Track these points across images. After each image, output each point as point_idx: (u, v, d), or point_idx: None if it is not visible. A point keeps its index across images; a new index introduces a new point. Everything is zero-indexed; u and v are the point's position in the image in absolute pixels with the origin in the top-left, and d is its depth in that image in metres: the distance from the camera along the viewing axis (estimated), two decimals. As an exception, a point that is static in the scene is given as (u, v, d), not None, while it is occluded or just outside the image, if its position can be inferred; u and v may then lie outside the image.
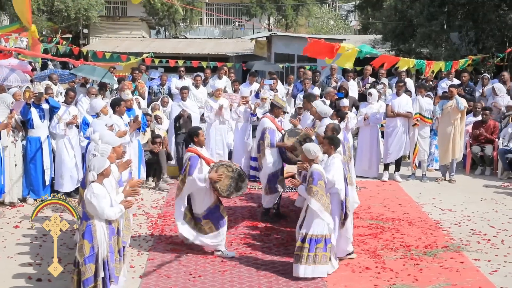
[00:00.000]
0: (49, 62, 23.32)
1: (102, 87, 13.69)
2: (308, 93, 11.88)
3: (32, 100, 10.50)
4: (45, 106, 10.68)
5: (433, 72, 13.92)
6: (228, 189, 7.89)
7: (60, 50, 19.50)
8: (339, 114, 9.90)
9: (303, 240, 7.21)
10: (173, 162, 12.66)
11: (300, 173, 8.43)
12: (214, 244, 8.03)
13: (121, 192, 6.59)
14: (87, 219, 6.07)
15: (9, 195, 10.40)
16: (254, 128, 12.66)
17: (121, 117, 10.52)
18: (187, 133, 8.37)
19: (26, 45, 13.18)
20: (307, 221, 7.27)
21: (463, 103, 12.17)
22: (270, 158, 9.56)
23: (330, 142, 7.65)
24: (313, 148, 7.41)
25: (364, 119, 12.71)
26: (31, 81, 15.79)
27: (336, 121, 9.29)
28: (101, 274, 6.06)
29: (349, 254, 7.93)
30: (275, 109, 9.99)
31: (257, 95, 13.28)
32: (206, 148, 12.70)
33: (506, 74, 15.14)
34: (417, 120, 12.53)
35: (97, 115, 10.40)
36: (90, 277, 6.05)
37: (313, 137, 9.25)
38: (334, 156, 7.60)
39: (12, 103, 10.65)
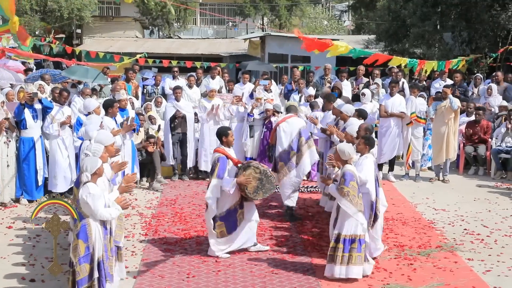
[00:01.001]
0: (30, 63, 23.16)
1: (94, 89, 13.66)
2: (328, 94, 11.83)
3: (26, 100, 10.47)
4: (38, 106, 10.64)
5: (425, 72, 13.94)
6: (255, 191, 7.82)
7: (54, 50, 19.44)
8: (361, 113, 9.89)
9: (337, 240, 7.15)
10: (171, 162, 12.66)
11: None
12: (215, 250, 7.94)
13: (116, 190, 6.57)
14: (82, 219, 6.06)
15: (1, 196, 10.37)
16: (250, 128, 12.71)
17: (114, 119, 10.53)
18: (216, 133, 8.29)
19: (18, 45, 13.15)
20: (340, 222, 7.19)
21: (456, 102, 12.20)
22: (307, 159, 9.60)
23: (366, 142, 7.61)
24: (348, 149, 7.32)
25: None
26: (24, 81, 15.76)
27: (362, 121, 9.31)
28: (96, 275, 6.04)
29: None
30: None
31: (251, 96, 13.29)
32: (200, 148, 12.77)
33: (500, 74, 15.20)
34: (414, 119, 12.54)
35: (89, 115, 10.40)
36: (84, 277, 6.03)
37: (335, 136, 9.31)
38: (367, 156, 7.57)
39: (3, 102, 10.60)
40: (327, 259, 7.24)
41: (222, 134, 8.05)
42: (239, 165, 7.92)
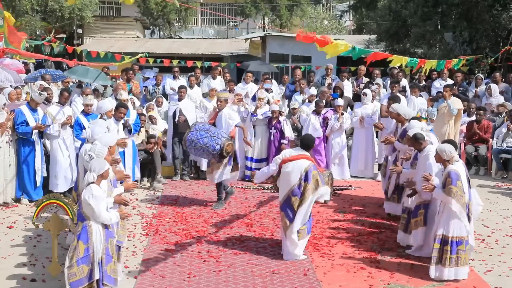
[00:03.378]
0: (30, 63, 23.10)
1: (96, 90, 13.66)
2: (394, 95, 11.81)
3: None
4: (39, 109, 10.68)
5: (425, 71, 13.92)
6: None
7: (55, 49, 19.46)
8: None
9: (443, 243, 7.11)
10: (166, 162, 12.66)
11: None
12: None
13: (113, 197, 6.57)
14: (83, 220, 6.03)
15: (3, 195, 10.37)
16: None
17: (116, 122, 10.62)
18: (302, 140, 8.27)
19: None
20: (444, 223, 7.14)
21: (456, 106, 12.25)
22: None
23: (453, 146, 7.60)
24: (448, 148, 7.23)
25: (360, 121, 12.75)
26: (25, 82, 15.76)
27: (423, 123, 9.28)
28: (97, 276, 6.02)
29: None
30: None
31: (254, 98, 13.30)
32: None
33: (498, 75, 15.19)
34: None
35: (100, 115, 10.41)
36: (81, 279, 5.99)
37: (396, 142, 9.38)
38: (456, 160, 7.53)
39: (4, 104, 10.61)
40: (432, 261, 7.21)
41: (310, 143, 8.17)
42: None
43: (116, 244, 6.64)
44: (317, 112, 12.76)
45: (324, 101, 13.13)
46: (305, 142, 8.08)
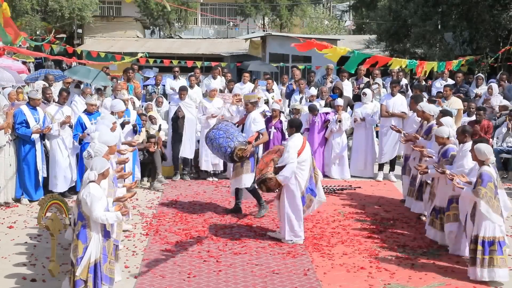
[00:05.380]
0: (30, 62, 23.07)
1: (99, 89, 13.67)
2: (416, 94, 11.82)
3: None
4: (39, 109, 10.67)
5: (425, 73, 13.92)
6: None
7: (55, 50, 19.46)
8: (447, 113, 9.88)
9: (475, 242, 7.11)
10: (167, 162, 12.66)
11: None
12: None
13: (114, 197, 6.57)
14: (83, 220, 6.03)
15: (3, 195, 10.36)
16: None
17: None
18: (295, 124, 8.83)
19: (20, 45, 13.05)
20: (477, 223, 7.12)
21: (455, 106, 12.27)
22: None
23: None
24: (485, 149, 7.19)
25: (356, 121, 12.76)
26: (25, 82, 15.75)
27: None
28: (84, 277, 5.98)
29: None
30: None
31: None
32: (201, 148, 12.74)
33: (505, 76, 15.19)
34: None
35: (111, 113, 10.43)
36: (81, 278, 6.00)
37: (421, 139, 9.51)
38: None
39: (4, 106, 10.60)
40: (469, 261, 7.23)
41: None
42: None
43: (113, 243, 6.63)
44: (312, 114, 12.71)
45: (316, 106, 13.04)
46: (298, 125, 8.86)
